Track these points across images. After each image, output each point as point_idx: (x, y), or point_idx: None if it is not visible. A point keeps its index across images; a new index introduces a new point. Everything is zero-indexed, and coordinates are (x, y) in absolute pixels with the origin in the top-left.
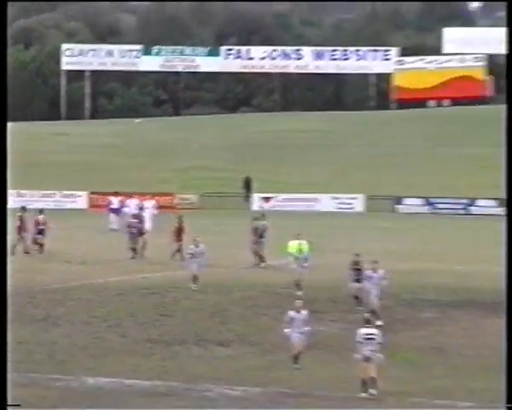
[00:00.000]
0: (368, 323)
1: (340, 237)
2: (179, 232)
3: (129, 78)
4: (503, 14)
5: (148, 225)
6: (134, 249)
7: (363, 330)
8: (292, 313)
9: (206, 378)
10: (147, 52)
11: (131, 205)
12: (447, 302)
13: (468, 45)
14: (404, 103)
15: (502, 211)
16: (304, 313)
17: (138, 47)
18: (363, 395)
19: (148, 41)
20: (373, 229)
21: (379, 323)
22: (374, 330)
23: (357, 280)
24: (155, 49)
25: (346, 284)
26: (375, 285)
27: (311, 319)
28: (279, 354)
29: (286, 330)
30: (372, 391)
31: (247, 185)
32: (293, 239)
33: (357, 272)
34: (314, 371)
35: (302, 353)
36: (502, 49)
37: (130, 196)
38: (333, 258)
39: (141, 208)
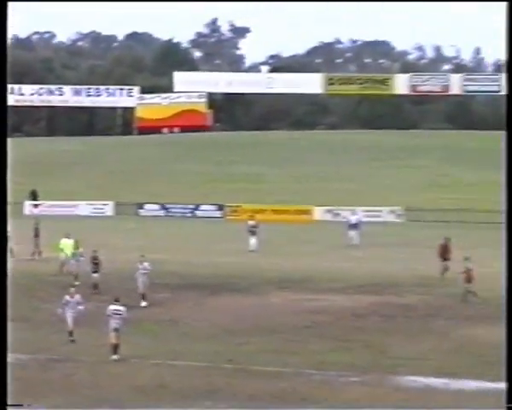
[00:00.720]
0: (116, 301)
1: (97, 236)
2: None
3: None
4: (219, 61)
5: None
6: None
7: (112, 307)
8: (67, 297)
9: None
10: None
11: None
12: (177, 285)
13: (193, 85)
14: (144, 130)
15: (220, 214)
16: (77, 297)
17: None
18: (114, 357)
19: None
20: (120, 229)
21: (143, 304)
22: (120, 307)
23: (95, 271)
24: None
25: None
26: (141, 275)
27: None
28: (47, 328)
29: (59, 310)
30: (115, 356)
31: (34, 196)
32: (64, 238)
33: (96, 265)
34: (81, 341)
35: (73, 329)
36: (218, 89)
37: None
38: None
39: None
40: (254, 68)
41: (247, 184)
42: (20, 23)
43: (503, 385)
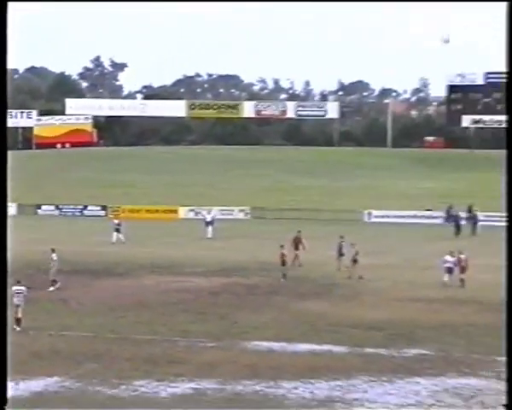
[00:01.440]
0: (18, 282)
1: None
2: None
3: None
4: (102, 90)
5: None
6: None
7: (14, 287)
8: None
9: None
10: None
11: None
12: (68, 271)
13: (81, 109)
14: (41, 146)
15: (104, 213)
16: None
17: None
18: (17, 328)
19: None
20: (21, 226)
21: (52, 288)
22: (21, 287)
23: None
24: None
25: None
26: (53, 262)
27: None
28: None
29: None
30: (18, 328)
31: None
32: None
33: None
34: None
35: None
36: (102, 112)
37: None
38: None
39: None
40: (131, 96)
41: (125, 189)
42: None
43: (328, 347)
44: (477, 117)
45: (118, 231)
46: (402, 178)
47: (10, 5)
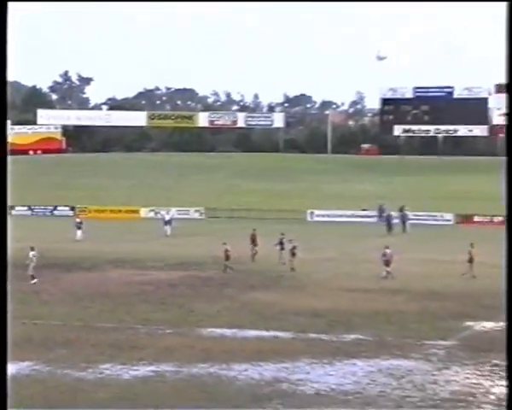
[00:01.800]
0: None
1: None
2: None
3: None
4: (70, 102)
5: None
6: None
7: None
8: None
9: None
10: None
11: None
12: (40, 265)
13: (51, 119)
14: (15, 153)
15: (72, 213)
16: None
17: None
18: None
19: None
20: None
21: (34, 281)
22: None
23: None
24: None
25: None
26: (32, 258)
27: None
28: None
29: None
30: None
31: None
32: None
33: None
34: None
35: None
36: (70, 122)
37: None
38: None
39: None
40: (96, 107)
41: (92, 192)
42: None
43: (275, 333)
44: (407, 127)
45: (79, 228)
46: (341, 181)
47: None
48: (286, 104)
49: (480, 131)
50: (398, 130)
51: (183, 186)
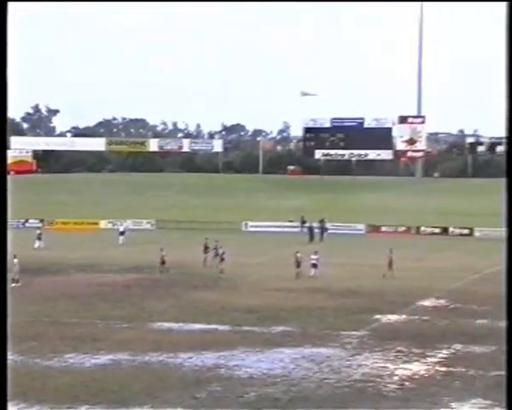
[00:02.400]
0: None
1: None
2: None
3: None
4: (39, 130)
5: None
6: None
7: None
8: None
9: None
10: None
11: None
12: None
13: (23, 145)
14: None
15: (41, 225)
16: None
17: None
18: None
19: None
20: None
21: (16, 285)
22: None
23: None
24: None
25: None
26: (15, 264)
27: None
28: None
29: None
30: None
31: None
32: None
33: None
34: None
35: None
36: (39, 147)
37: None
38: None
39: None
40: (62, 134)
41: (58, 207)
42: None
43: (215, 326)
44: (326, 151)
45: (39, 238)
46: (271, 197)
47: None
48: (223, 132)
49: (386, 155)
50: (318, 154)
51: (136, 201)
